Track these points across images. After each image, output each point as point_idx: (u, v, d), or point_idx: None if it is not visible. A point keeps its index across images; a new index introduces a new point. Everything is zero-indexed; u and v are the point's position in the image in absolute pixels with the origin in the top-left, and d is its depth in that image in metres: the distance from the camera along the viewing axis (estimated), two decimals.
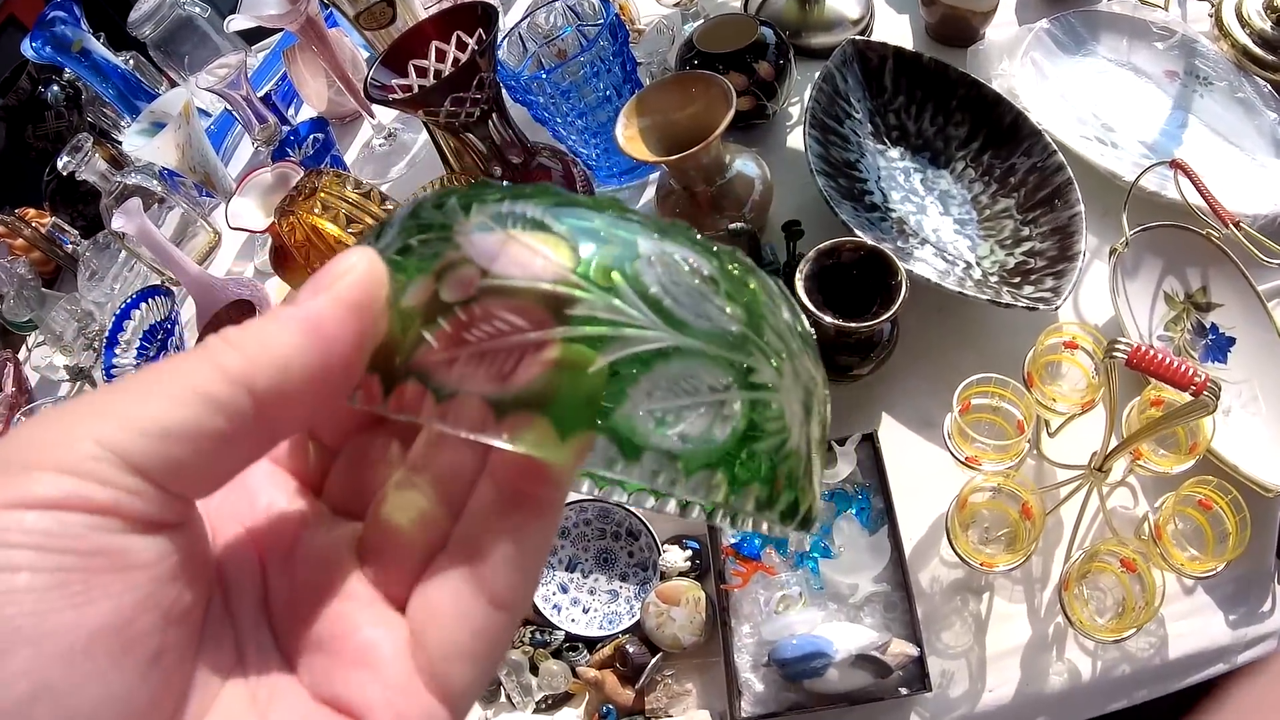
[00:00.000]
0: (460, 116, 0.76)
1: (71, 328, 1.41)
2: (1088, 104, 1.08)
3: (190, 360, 0.25)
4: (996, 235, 0.99)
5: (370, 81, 0.76)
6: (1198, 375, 0.63)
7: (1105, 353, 0.67)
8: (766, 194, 1.00)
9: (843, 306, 0.84)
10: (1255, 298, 0.86)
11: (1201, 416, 0.65)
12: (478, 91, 0.75)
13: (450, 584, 0.27)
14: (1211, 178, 0.89)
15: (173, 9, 1.47)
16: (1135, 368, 0.65)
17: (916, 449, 0.89)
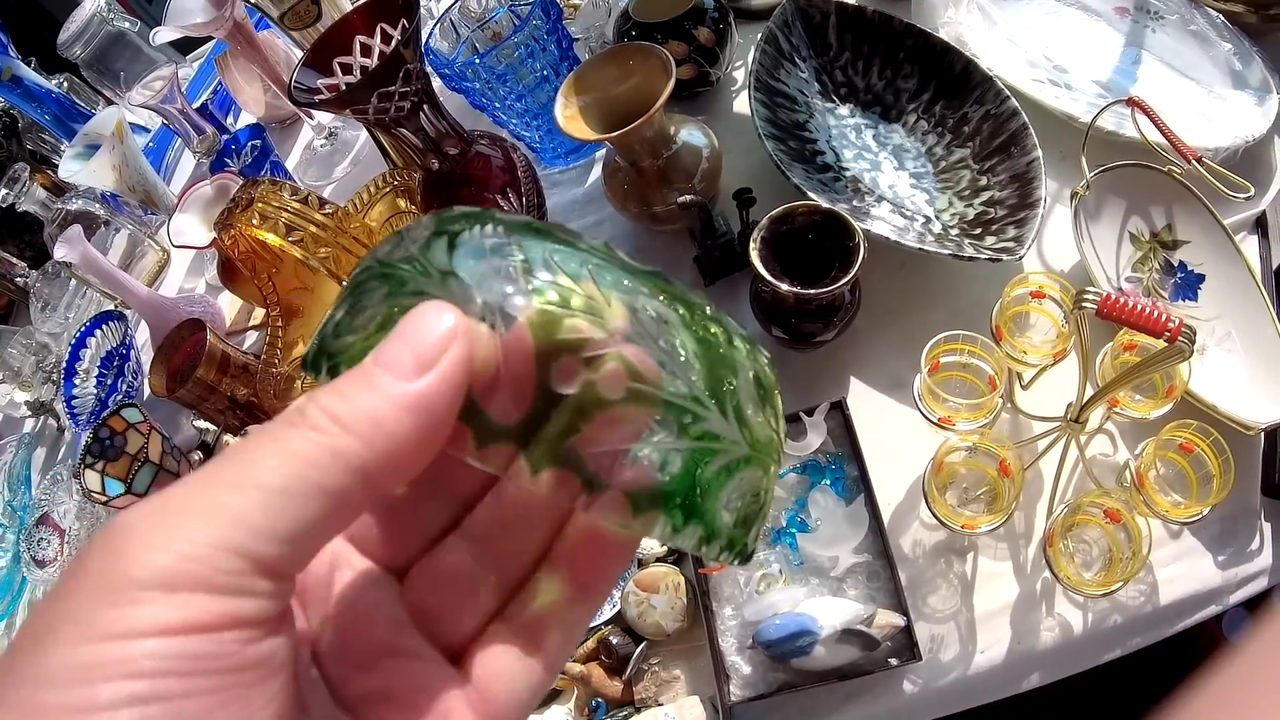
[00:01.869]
0: (389, 112, 0.73)
1: (29, 362, 1.39)
2: (1038, 46, 1.05)
3: (306, 443, 0.24)
4: (954, 187, 0.96)
5: (295, 85, 0.73)
6: (1171, 321, 0.60)
7: (1074, 303, 0.64)
8: (715, 163, 0.98)
9: (801, 273, 0.81)
10: (1222, 232, 0.84)
11: (1177, 362, 0.63)
12: (405, 85, 0.72)
13: (513, 653, 0.29)
14: (1170, 113, 0.87)
15: (101, 26, 1.44)
16: (1106, 317, 0.63)
17: (888, 413, 0.87)
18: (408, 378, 0.25)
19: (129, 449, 0.96)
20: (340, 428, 0.24)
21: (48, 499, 1.16)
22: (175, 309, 1.19)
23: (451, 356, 0.25)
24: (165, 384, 1.02)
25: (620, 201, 0.99)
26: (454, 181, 0.82)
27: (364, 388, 0.25)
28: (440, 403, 0.25)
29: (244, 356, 1.04)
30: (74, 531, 1.11)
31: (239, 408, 1.01)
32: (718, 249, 0.96)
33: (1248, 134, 0.90)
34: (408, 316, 0.26)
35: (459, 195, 0.83)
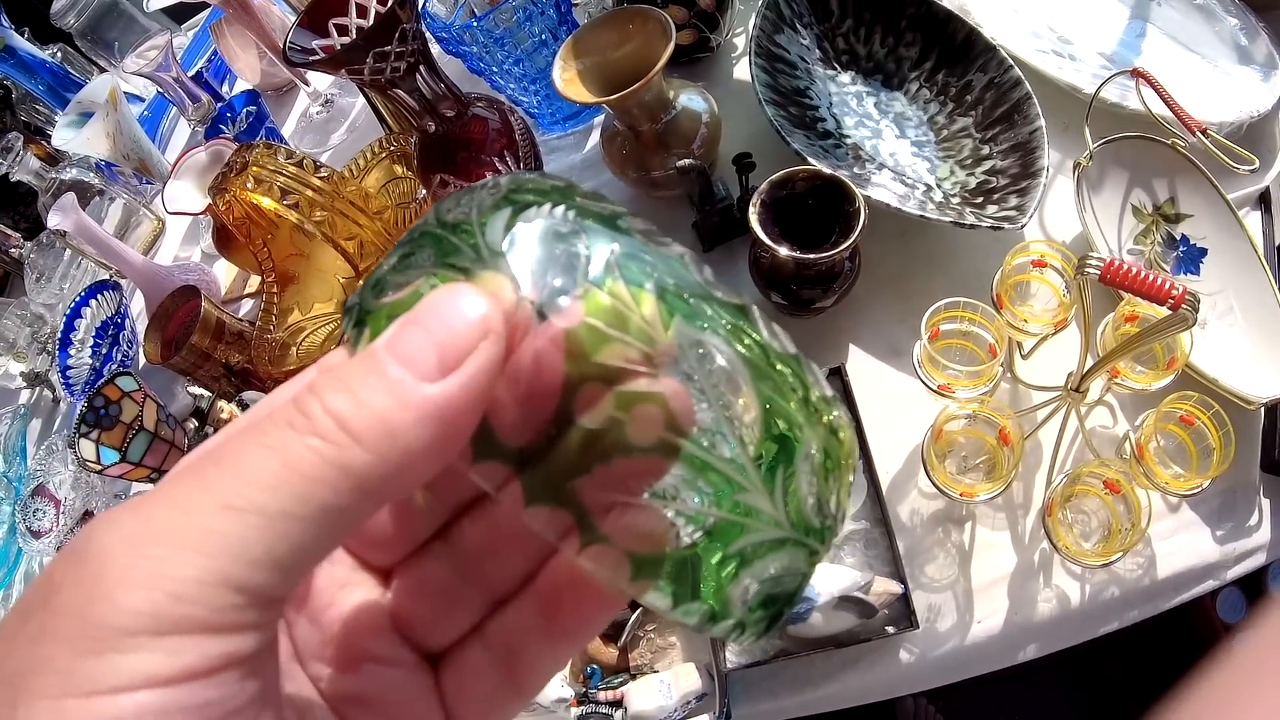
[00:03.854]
0: (385, 73, 0.72)
1: (24, 333, 1.38)
2: (1042, 17, 1.04)
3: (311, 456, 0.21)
4: (956, 155, 0.95)
5: (289, 45, 0.72)
6: (1175, 288, 0.60)
7: (1076, 269, 0.64)
8: (715, 128, 0.97)
9: (800, 238, 0.80)
10: (1225, 206, 0.84)
11: (1180, 331, 0.62)
12: (400, 45, 0.71)
13: (486, 676, 0.28)
14: (1174, 87, 0.86)
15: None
16: (1109, 284, 0.62)
17: (887, 380, 0.86)
18: (429, 378, 0.22)
19: (124, 417, 0.96)
20: (350, 437, 0.21)
21: (43, 470, 1.15)
22: (170, 277, 1.18)
23: (480, 357, 0.22)
24: (160, 351, 1.01)
25: (618, 166, 0.98)
26: (451, 144, 0.81)
27: (378, 386, 0.22)
28: (463, 414, 0.22)
29: (239, 323, 1.03)
30: (69, 501, 1.11)
31: (234, 374, 1.01)
32: (716, 214, 0.95)
33: (1252, 109, 0.89)
34: (433, 297, 0.23)
35: (456, 158, 0.82)
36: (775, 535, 0.24)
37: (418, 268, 0.25)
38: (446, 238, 0.25)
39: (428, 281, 0.24)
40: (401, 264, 0.25)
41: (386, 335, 0.22)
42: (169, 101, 1.51)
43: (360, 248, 0.84)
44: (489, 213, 0.24)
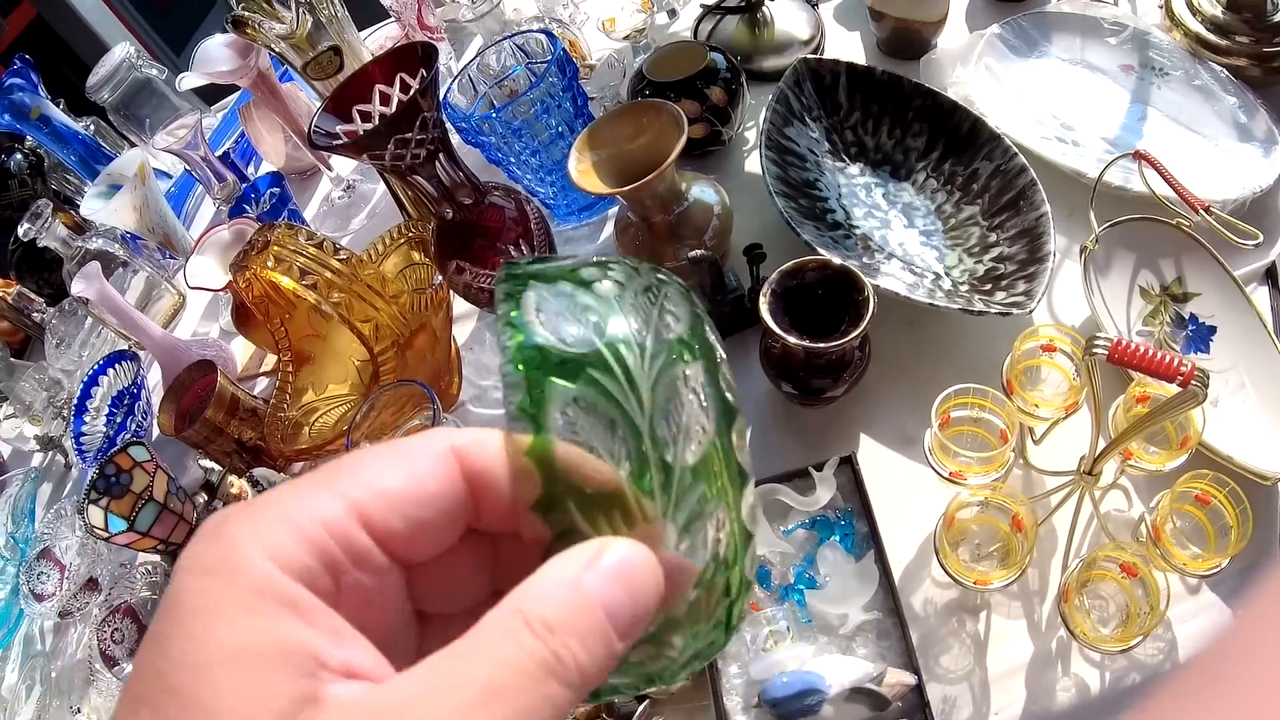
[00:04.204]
0: (406, 159, 0.74)
1: (40, 397, 1.40)
2: (1045, 105, 1.06)
3: (562, 693, 0.24)
4: (964, 244, 0.96)
5: (314, 128, 0.74)
6: (1183, 365, 0.60)
7: (1084, 350, 0.64)
8: (726, 220, 0.99)
9: (810, 327, 0.81)
10: (1232, 283, 0.84)
11: (1191, 407, 0.62)
12: (421, 132, 0.73)
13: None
14: (1177, 167, 0.88)
15: (130, 71, 1.48)
16: (1117, 363, 0.63)
17: (898, 468, 0.86)
18: (624, 640, 0.26)
19: (134, 487, 0.96)
20: (583, 683, 0.25)
21: (50, 534, 1.16)
22: (188, 351, 1.20)
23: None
24: (174, 423, 1.02)
25: (630, 255, 1.00)
26: (467, 231, 0.83)
27: (599, 647, 0.25)
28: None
29: (253, 400, 1.04)
30: (74, 567, 1.11)
31: (246, 450, 1.01)
32: (728, 305, 0.96)
33: (1255, 185, 0.90)
34: (639, 563, 0.26)
35: (472, 245, 0.83)
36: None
37: (610, 433, 0.27)
38: (634, 419, 0.27)
39: (630, 483, 0.27)
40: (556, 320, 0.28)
41: (604, 595, 0.25)
42: (195, 179, 1.55)
43: (376, 331, 0.86)
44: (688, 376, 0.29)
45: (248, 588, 0.24)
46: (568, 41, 1.28)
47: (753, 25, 1.26)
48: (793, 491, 0.79)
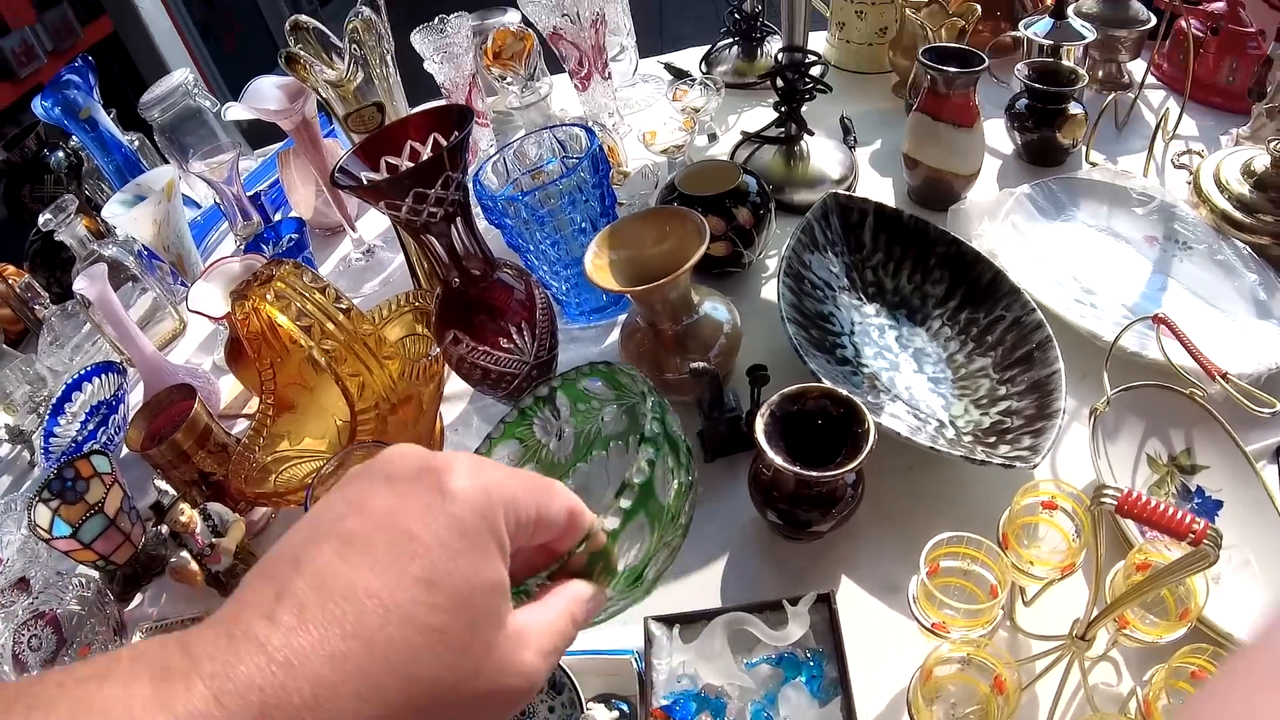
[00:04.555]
0: (422, 215, 0.73)
1: (22, 390, 1.37)
2: (1067, 266, 1.06)
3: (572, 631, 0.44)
4: (972, 394, 0.94)
5: (340, 168, 0.73)
6: (1195, 522, 0.57)
7: (1092, 500, 0.61)
8: (734, 339, 0.97)
9: (805, 457, 0.78)
10: (1242, 458, 0.82)
11: (1202, 569, 0.59)
12: (443, 189, 0.72)
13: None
14: (1194, 338, 0.87)
15: (184, 97, 1.51)
16: (1126, 515, 0.60)
17: (877, 614, 0.81)
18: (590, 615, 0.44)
19: (88, 496, 0.93)
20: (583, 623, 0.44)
21: None
22: (175, 375, 1.17)
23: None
24: (141, 439, 0.99)
25: (634, 362, 0.98)
26: (471, 304, 0.82)
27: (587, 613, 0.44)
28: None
29: (226, 436, 1.01)
30: (9, 563, 1.06)
31: (206, 484, 0.98)
32: (724, 424, 0.93)
33: (1271, 362, 0.90)
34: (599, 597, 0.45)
35: (473, 319, 0.82)
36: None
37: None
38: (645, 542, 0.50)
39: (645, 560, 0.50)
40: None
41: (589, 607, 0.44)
42: (222, 214, 1.55)
43: (361, 389, 0.83)
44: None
45: (482, 518, 0.37)
46: (607, 146, 1.29)
47: (788, 157, 1.28)
48: (762, 623, 0.75)
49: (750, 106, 1.55)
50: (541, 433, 0.69)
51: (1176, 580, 0.63)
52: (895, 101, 1.50)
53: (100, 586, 0.95)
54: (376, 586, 0.33)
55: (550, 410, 0.68)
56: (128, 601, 0.98)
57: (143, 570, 0.96)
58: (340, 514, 0.36)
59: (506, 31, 1.35)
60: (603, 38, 1.34)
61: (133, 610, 1.00)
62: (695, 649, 0.75)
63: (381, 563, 0.33)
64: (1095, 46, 1.38)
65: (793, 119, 1.24)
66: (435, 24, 1.31)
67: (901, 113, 1.41)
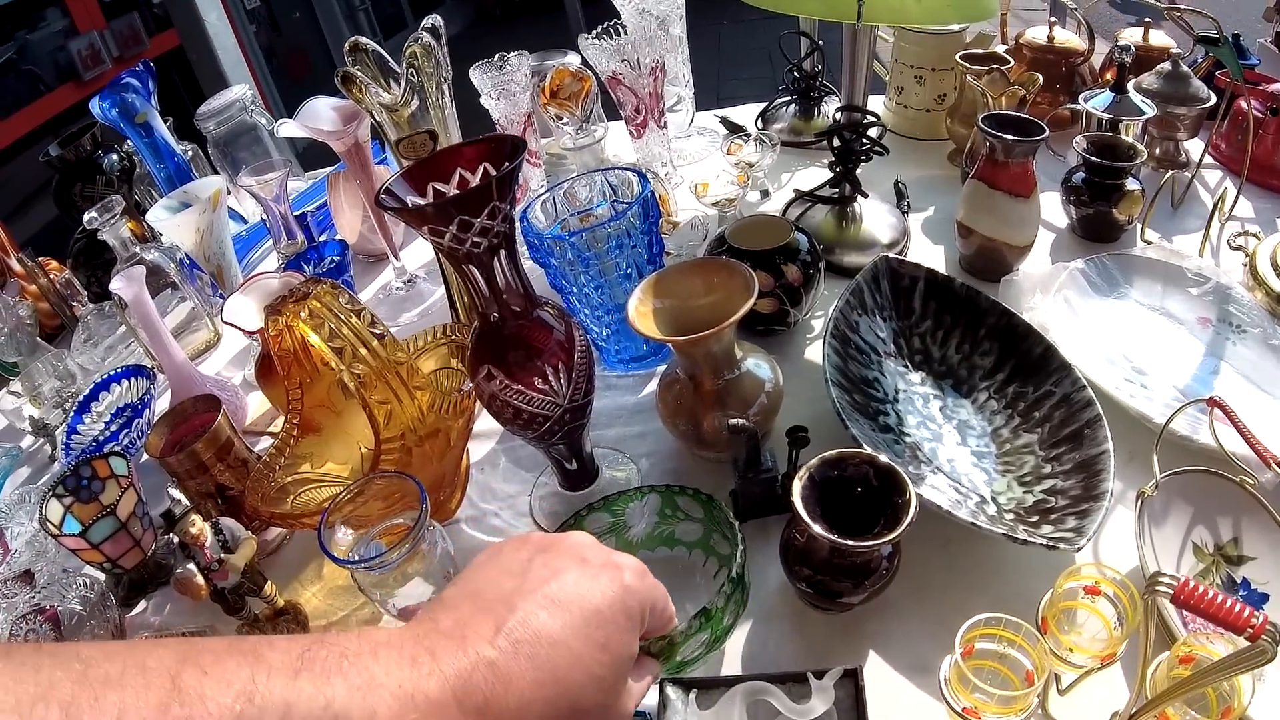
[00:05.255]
0: (466, 244, 0.71)
1: (51, 384, 1.38)
2: (1119, 345, 1.04)
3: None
4: (1016, 471, 0.92)
5: (385, 190, 0.72)
6: (1255, 616, 0.54)
7: (1146, 587, 0.59)
8: (775, 399, 0.95)
9: (841, 525, 0.76)
10: None
11: (1260, 665, 0.55)
12: (489, 219, 0.70)
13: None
14: (1245, 424, 0.84)
15: (241, 112, 1.53)
16: (1182, 605, 0.57)
17: (905, 695, 0.77)
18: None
19: (102, 497, 0.91)
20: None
21: (7, 514, 1.12)
22: (203, 386, 1.16)
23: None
24: (161, 446, 0.98)
25: (670, 414, 0.96)
26: (508, 340, 0.80)
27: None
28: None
29: (247, 452, 1.00)
30: (17, 554, 1.05)
31: (222, 498, 0.96)
32: (759, 484, 0.91)
33: None
34: (656, 670, 0.60)
35: (507, 356, 0.80)
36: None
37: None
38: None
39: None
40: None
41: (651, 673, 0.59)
42: (267, 230, 1.55)
43: (388, 418, 0.82)
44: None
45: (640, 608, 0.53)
46: (658, 194, 1.29)
47: (840, 218, 1.26)
48: (784, 695, 0.72)
49: (804, 166, 1.55)
50: (632, 516, 0.88)
51: (1230, 676, 0.59)
52: (950, 169, 1.49)
53: (104, 589, 0.93)
54: (570, 640, 0.48)
55: (640, 502, 0.88)
56: (130, 607, 0.96)
57: (149, 578, 0.95)
58: (544, 578, 0.50)
59: (566, 71, 1.36)
60: (661, 86, 1.34)
61: (134, 617, 0.99)
62: (712, 716, 0.72)
63: (575, 624, 0.49)
64: (1154, 123, 1.36)
65: (847, 179, 1.22)
66: (495, 60, 1.32)
67: (956, 181, 1.40)
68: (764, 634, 0.84)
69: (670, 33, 1.42)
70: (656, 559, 0.89)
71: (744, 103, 1.78)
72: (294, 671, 0.40)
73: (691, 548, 0.89)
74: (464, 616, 0.48)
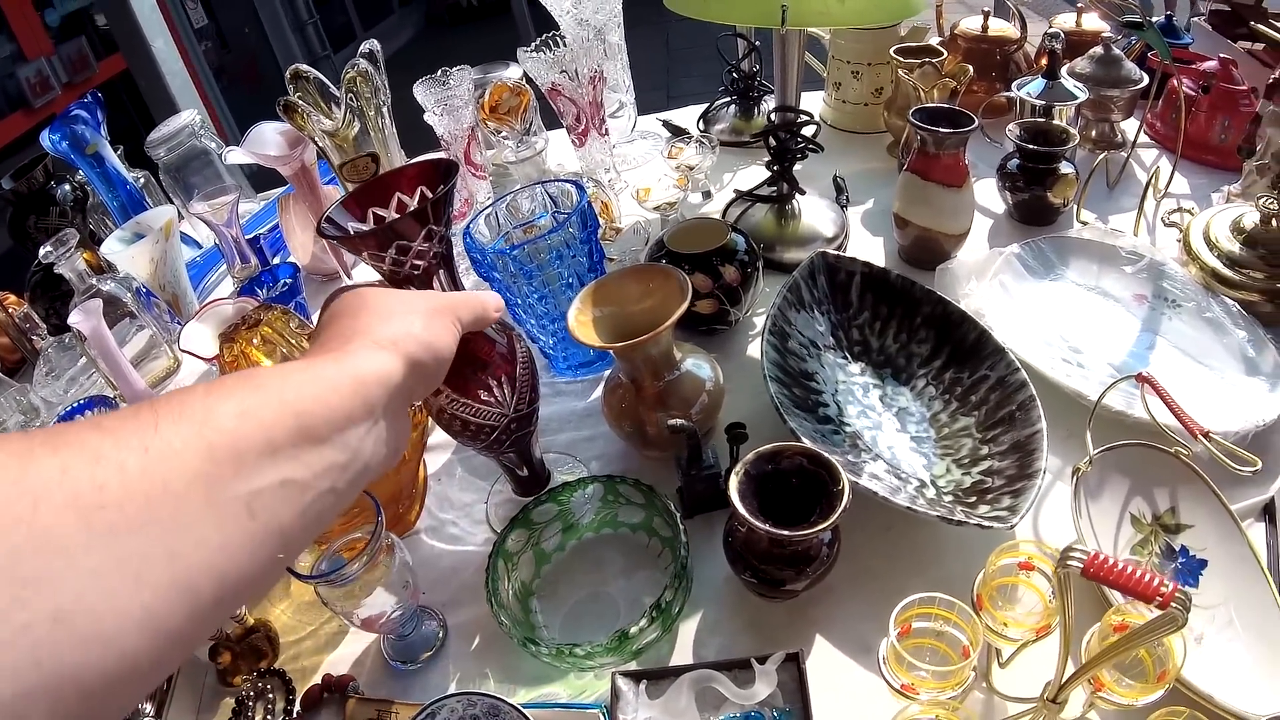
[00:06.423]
0: (405, 267, 0.73)
1: (15, 419, 1.37)
2: (1055, 326, 1.06)
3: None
4: (954, 454, 0.94)
5: (326, 218, 0.74)
6: (1164, 585, 0.56)
7: (1059, 562, 0.61)
8: (717, 397, 0.97)
9: (782, 516, 0.78)
10: (1228, 516, 0.81)
11: (1170, 632, 0.57)
12: (424, 243, 0.72)
13: None
14: (1182, 396, 0.87)
15: (190, 138, 1.53)
16: (1093, 577, 0.59)
17: (849, 674, 0.80)
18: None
19: None
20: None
21: None
22: None
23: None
24: None
25: (614, 417, 0.98)
26: None
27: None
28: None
29: None
30: None
31: None
32: (701, 481, 0.93)
33: (1259, 419, 0.89)
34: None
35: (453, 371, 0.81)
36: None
37: None
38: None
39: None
40: None
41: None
42: (221, 255, 1.56)
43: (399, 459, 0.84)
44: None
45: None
46: (601, 203, 1.30)
47: (780, 216, 1.29)
48: (730, 681, 0.74)
49: (746, 165, 1.57)
50: (575, 504, 0.93)
51: (1144, 644, 0.62)
52: (890, 161, 1.52)
53: None
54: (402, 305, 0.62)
55: (584, 492, 0.93)
56: None
57: None
58: (356, 305, 0.61)
59: (503, 86, 1.37)
60: (600, 94, 1.36)
61: None
62: (661, 705, 0.74)
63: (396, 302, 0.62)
64: (1088, 106, 1.39)
65: (784, 178, 1.25)
66: (438, 76, 1.32)
67: (895, 172, 1.42)
68: (714, 625, 0.85)
69: (609, 40, 1.43)
70: (604, 540, 0.95)
71: (696, 100, 1.80)
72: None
73: (635, 529, 0.94)
74: (330, 343, 0.57)
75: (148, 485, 0.37)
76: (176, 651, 0.38)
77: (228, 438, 0.41)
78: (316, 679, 0.85)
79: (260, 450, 0.43)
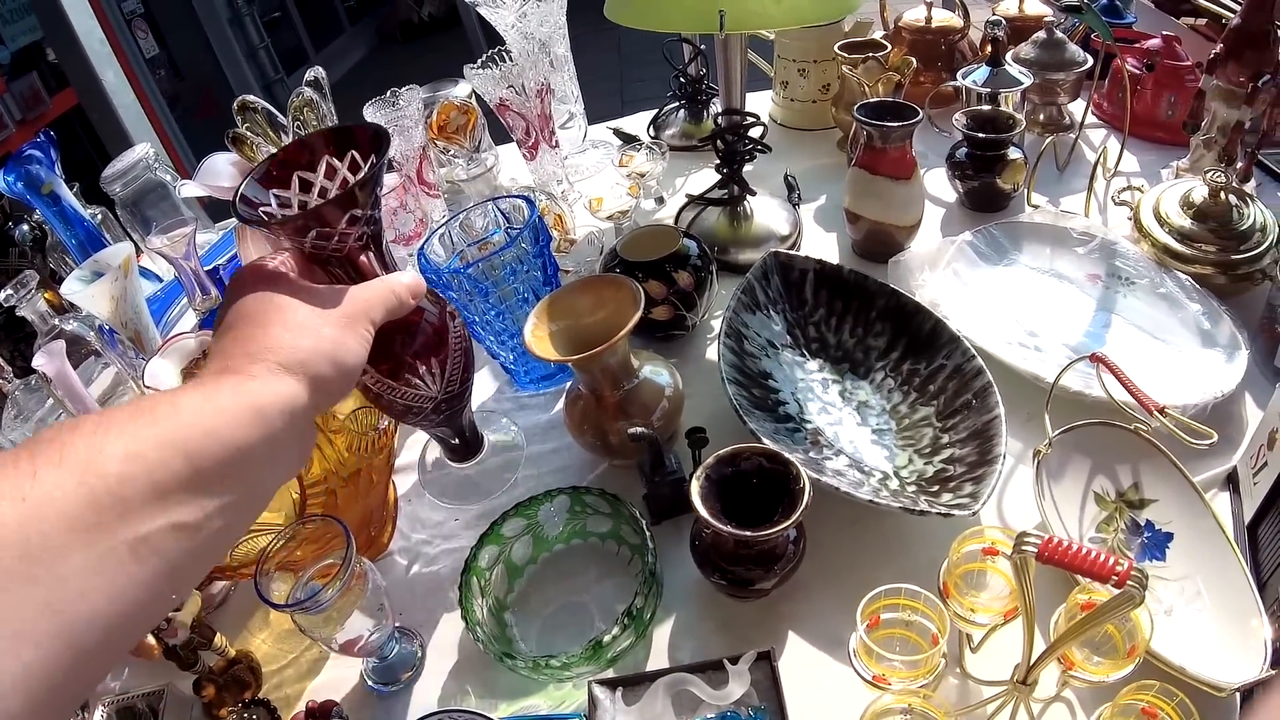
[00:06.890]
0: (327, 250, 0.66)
1: None
2: (1011, 310, 1.08)
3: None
4: (915, 444, 0.95)
5: (240, 195, 0.66)
6: (1118, 564, 0.57)
7: (1014, 548, 0.61)
8: (676, 402, 0.98)
9: (745, 517, 0.79)
10: (1191, 489, 0.82)
11: (1128, 610, 0.58)
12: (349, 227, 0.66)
13: None
14: (1140, 373, 0.88)
15: (145, 171, 1.52)
16: (1048, 562, 0.60)
17: (823, 669, 0.80)
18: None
19: None
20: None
21: None
22: None
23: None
24: None
25: (576, 428, 0.98)
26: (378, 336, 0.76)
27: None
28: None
29: None
30: None
31: None
32: (666, 486, 0.93)
33: (1217, 390, 0.91)
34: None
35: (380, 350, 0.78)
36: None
37: None
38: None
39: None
40: None
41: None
42: (182, 288, 1.55)
43: (310, 464, 0.84)
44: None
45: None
46: (555, 216, 1.31)
47: (733, 218, 1.29)
48: (704, 683, 0.74)
49: (698, 168, 1.58)
50: (543, 517, 0.93)
51: (1106, 622, 0.62)
52: (840, 156, 1.53)
53: None
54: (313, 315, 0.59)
55: (551, 504, 0.93)
56: None
57: None
58: (263, 312, 0.58)
59: (451, 105, 1.37)
60: (549, 107, 1.36)
61: None
62: (638, 711, 0.74)
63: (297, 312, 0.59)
64: (1035, 91, 1.41)
65: (734, 180, 1.25)
66: (388, 96, 1.32)
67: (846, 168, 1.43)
68: (687, 628, 0.86)
69: (555, 53, 1.44)
70: (574, 550, 0.95)
71: (650, 104, 1.80)
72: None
73: (604, 538, 0.95)
74: (225, 362, 0.54)
75: (25, 538, 0.35)
76: (63, 703, 0.37)
77: (111, 483, 0.40)
78: (301, 706, 0.85)
79: (146, 496, 0.41)
